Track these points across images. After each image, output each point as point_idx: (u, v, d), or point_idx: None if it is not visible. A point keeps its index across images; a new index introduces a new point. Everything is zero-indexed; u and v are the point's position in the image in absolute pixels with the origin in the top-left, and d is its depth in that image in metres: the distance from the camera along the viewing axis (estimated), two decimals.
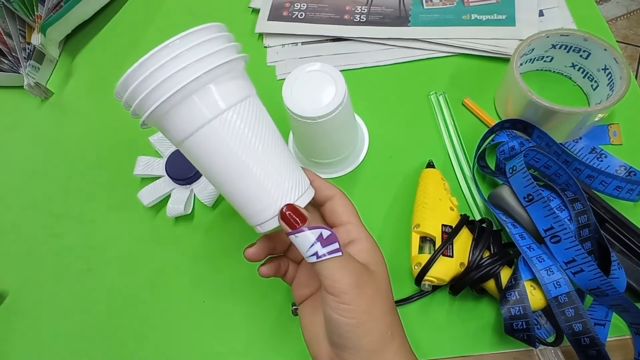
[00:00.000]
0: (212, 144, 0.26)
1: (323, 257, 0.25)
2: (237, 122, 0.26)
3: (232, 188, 0.27)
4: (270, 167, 0.27)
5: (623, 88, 0.39)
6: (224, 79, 0.26)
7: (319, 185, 0.30)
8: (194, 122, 0.25)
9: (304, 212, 0.26)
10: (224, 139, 0.26)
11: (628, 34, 1.43)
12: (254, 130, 0.27)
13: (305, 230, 0.26)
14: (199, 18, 0.60)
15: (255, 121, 0.27)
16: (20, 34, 0.56)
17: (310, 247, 0.26)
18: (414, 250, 0.37)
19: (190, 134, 0.26)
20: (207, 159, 0.27)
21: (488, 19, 0.51)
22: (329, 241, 0.26)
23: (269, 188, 0.27)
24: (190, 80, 0.24)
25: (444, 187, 0.40)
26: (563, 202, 0.36)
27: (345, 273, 0.26)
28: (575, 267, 0.33)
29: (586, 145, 0.43)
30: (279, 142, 0.28)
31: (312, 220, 0.26)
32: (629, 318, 0.33)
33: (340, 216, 0.30)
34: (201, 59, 0.25)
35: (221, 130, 0.26)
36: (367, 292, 0.26)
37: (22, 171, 0.52)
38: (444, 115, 0.47)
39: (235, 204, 0.28)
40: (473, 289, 0.37)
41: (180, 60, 0.24)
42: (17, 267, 0.46)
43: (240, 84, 0.27)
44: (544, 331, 0.36)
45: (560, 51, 0.45)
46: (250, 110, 0.27)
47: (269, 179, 0.27)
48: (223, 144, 0.26)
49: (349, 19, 0.54)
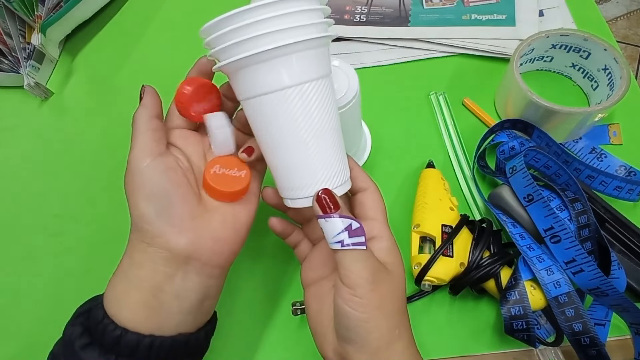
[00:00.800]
0: (281, 110, 0.26)
1: (347, 247, 0.26)
2: (312, 97, 0.26)
3: (280, 157, 0.28)
4: (324, 150, 0.27)
5: (623, 88, 0.39)
6: (317, 52, 0.26)
7: (356, 174, 0.31)
8: (273, 83, 0.25)
9: (339, 200, 0.27)
10: (293, 109, 0.26)
11: (628, 34, 1.43)
12: (322, 110, 0.27)
13: (335, 217, 0.26)
14: (199, 18, 0.59)
15: (326, 101, 0.27)
16: (20, 34, 0.56)
17: (337, 234, 0.26)
18: (414, 250, 0.37)
19: (263, 93, 0.26)
20: (268, 123, 0.27)
21: (488, 19, 0.51)
22: (356, 233, 0.26)
23: (315, 169, 0.27)
24: (296, 41, 0.24)
25: (444, 187, 0.40)
26: (563, 202, 0.36)
27: (363, 267, 0.26)
28: (575, 267, 0.33)
29: (586, 145, 0.43)
30: (337, 127, 0.28)
31: (344, 209, 0.27)
32: (629, 318, 0.33)
33: (368, 210, 0.30)
34: (310, 25, 0.25)
35: (296, 100, 0.26)
36: (381, 289, 0.26)
37: (22, 171, 0.52)
38: (444, 115, 0.47)
39: (275, 172, 0.29)
40: (473, 289, 0.37)
41: (291, 19, 0.24)
42: (17, 267, 0.46)
43: (326, 61, 0.27)
44: (544, 331, 0.36)
45: (560, 51, 0.45)
46: (325, 89, 0.27)
47: (318, 161, 0.27)
48: (290, 114, 0.26)
49: (349, 19, 0.54)
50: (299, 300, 0.38)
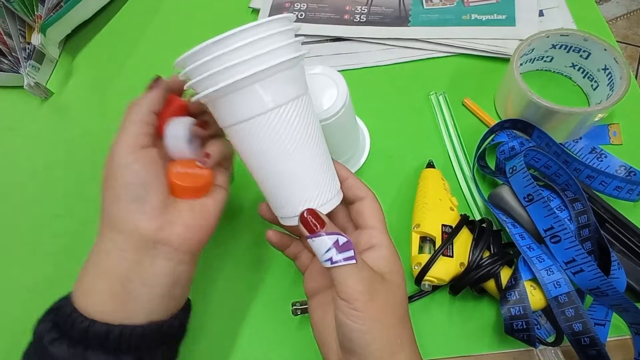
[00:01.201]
0: (262, 134, 0.26)
1: (337, 263, 0.26)
2: (292, 117, 0.26)
3: (266, 179, 0.28)
4: (307, 168, 0.27)
5: (623, 88, 0.39)
6: (293, 72, 0.26)
7: (351, 184, 0.31)
8: (252, 110, 0.25)
9: (324, 218, 0.27)
10: (274, 132, 0.26)
11: (628, 34, 1.43)
12: (303, 129, 0.27)
13: (323, 235, 0.26)
14: (199, 18, 0.60)
15: (306, 120, 0.27)
16: (20, 34, 0.56)
17: (326, 252, 0.26)
18: (414, 250, 0.37)
19: (243, 120, 0.26)
20: (250, 147, 0.27)
21: (488, 19, 0.51)
22: (344, 248, 0.26)
23: (301, 188, 0.27)
24: (267, 67, 0.24)
25: (444, 187, 0.40)
26: (563, 202, 0.36)
27: (357, 280, 0.26)
28: (575, 267, 0.33)
29: (586, 145, 0.43)
30: (320, 142, 0.28)
31: (336, 217, 0.27)
32: (629, 318, 0.33)
33: (366, 219, 0.30)
34: (278, 49, 0.25)
35: (276, 122, 0.26)
36: (379, 300, 0.26)
37: (22, 171, 0.52)
38: (444, 115, 0.47)
39: (264, 191, 0.29)
40: (473, 289, 0.37)
41: (259, 45, 0.24)
42: (17, 267, 0.46)
43: (302, 79, 0.27)
44: (544, 331, 0.36)
45: (560, 51, 0.45)
46: (304, 107, 0.27)
47: (303, 180, 0.27)
48: (271, 137, 0.26)
49: (349, 19, 0.54)
50: (299, 300, 0.38)
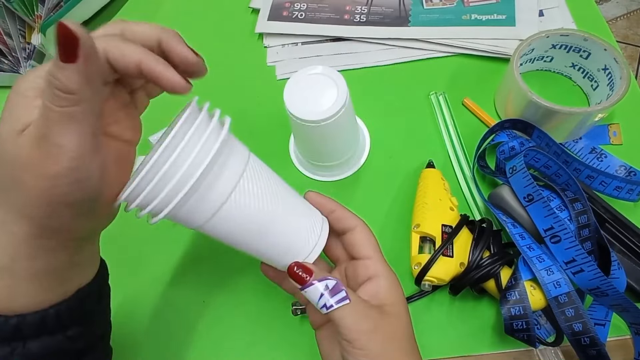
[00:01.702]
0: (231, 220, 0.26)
1: (332, 307, 0.26)
2: (250, 188, 0.26)
3: (249, 250, 0.29)
4: (284, 229, 0.28)
5: (623, 88, 0.39)
6: (226, 153, 0.25)
7: (340, 215, 0.31)
8: (213, 206, 0.25)
9: (311, 267, 0.27)
10: (239, 211, 0.26)
11: (628, 34, 1.43)
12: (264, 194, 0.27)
13: (315, 283, 0.26)
14: (199, 18, 0.60)
15: (263, 181, 0.27)
16: (20, 34, 0.56)
17: (319, 299, 0.26)
18: (414, 250, 0.37)
19: (207, 220, 0.26)
20: (225, 236, 0.27)
21: (488, 19, 0.51)
22: (335, 290, 0.26)
23: (282, 252, 0.28)
24: (202, 170, 0.23)
25: (444, 187, 0.40)
26: (563, 202, 0.36)
27: (355, 320, 0.26)
28: (575, 267, 0.33)
29: (586, 145, 0.43)
30: (288, 195, 0.29)
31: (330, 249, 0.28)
32: (629, 318, 0.33)
33: (360, 250, 0.30)
34: (203, 145, 0.24)
35: (238, 199, 0.26)
36: (380, 335, 0.26)
37: None
38: (444, 115, 0.47)
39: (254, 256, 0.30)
40: (473, 289, 0.37)
41: (188, 152, 0.23)
42: None
43: (239, 146, 0.27)
44: (544, 331, 0.36)
45: (560, 51, 0.45)
46: (256, 171, 0.27)
47: (281, 245, 0.28)
48: (239, 218, 0.26)
49: (349, 19, 0.54)
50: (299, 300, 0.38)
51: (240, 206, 0.26)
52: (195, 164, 0.23)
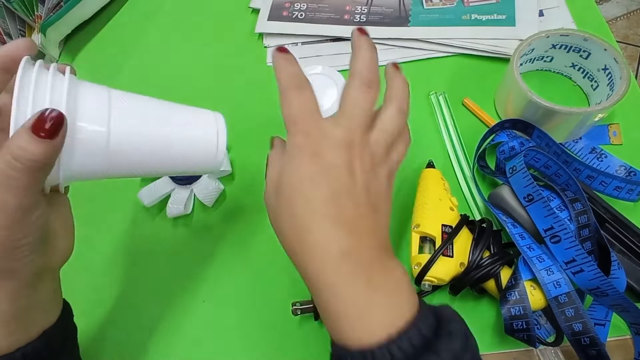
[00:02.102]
0: (126, 143, 0.27)
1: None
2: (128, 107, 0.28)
3: (159, 171, 0.31)
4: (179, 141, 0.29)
5: (623, 88, 0.39)
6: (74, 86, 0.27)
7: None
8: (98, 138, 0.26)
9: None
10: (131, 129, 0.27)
11: (628, 34, 1.43)
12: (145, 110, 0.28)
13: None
14: (199, 18, 0.60)
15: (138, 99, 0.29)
16: (20, 34, 0.56)
17: None
18: (414, 250, 0.37)
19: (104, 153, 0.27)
20: (129, 163, 0.29)
21: (488, 19, 0.51)
22: None
23: (186, 161, 0.30)
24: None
25: (444, 187, 0.40)
26: (563, 202, 0.36)
27: None
28: (575, 267, 0.33)
29: (586, 145, 0.43)
30: (171, 105, 0.30)
31: None
32: (629, 318, 0.33)
33: None
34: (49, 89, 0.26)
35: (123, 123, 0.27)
36: None
37: None
38: (444, 115, 0.47)
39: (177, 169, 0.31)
40: (473, 289, 0.37)
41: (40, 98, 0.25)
42: None
43: (93, 85, 0.29)
44: (544, 331, 0.36)
45: (560, 51, 0.45)
46: (124, 95, 0.28)
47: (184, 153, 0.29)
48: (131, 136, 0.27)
49: (349, 19, 0.54)
50: (299, 300, 0.38)
51: (126, 130, 0.27)
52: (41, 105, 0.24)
